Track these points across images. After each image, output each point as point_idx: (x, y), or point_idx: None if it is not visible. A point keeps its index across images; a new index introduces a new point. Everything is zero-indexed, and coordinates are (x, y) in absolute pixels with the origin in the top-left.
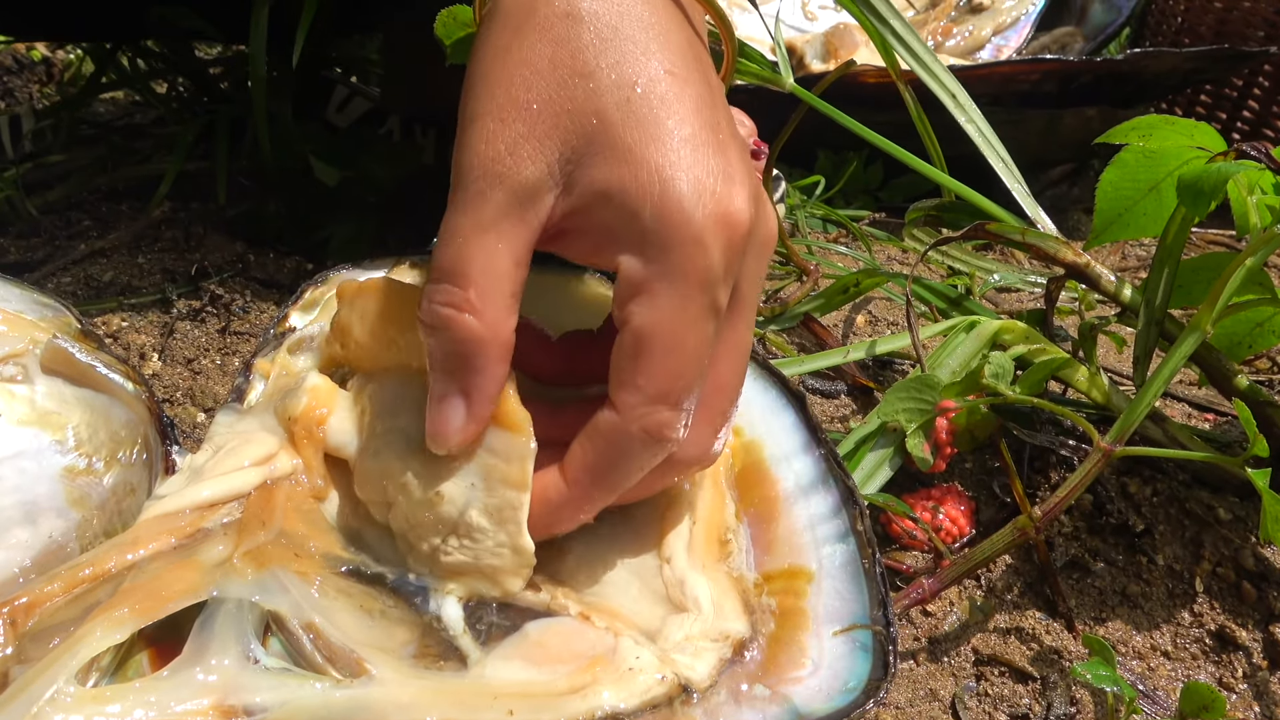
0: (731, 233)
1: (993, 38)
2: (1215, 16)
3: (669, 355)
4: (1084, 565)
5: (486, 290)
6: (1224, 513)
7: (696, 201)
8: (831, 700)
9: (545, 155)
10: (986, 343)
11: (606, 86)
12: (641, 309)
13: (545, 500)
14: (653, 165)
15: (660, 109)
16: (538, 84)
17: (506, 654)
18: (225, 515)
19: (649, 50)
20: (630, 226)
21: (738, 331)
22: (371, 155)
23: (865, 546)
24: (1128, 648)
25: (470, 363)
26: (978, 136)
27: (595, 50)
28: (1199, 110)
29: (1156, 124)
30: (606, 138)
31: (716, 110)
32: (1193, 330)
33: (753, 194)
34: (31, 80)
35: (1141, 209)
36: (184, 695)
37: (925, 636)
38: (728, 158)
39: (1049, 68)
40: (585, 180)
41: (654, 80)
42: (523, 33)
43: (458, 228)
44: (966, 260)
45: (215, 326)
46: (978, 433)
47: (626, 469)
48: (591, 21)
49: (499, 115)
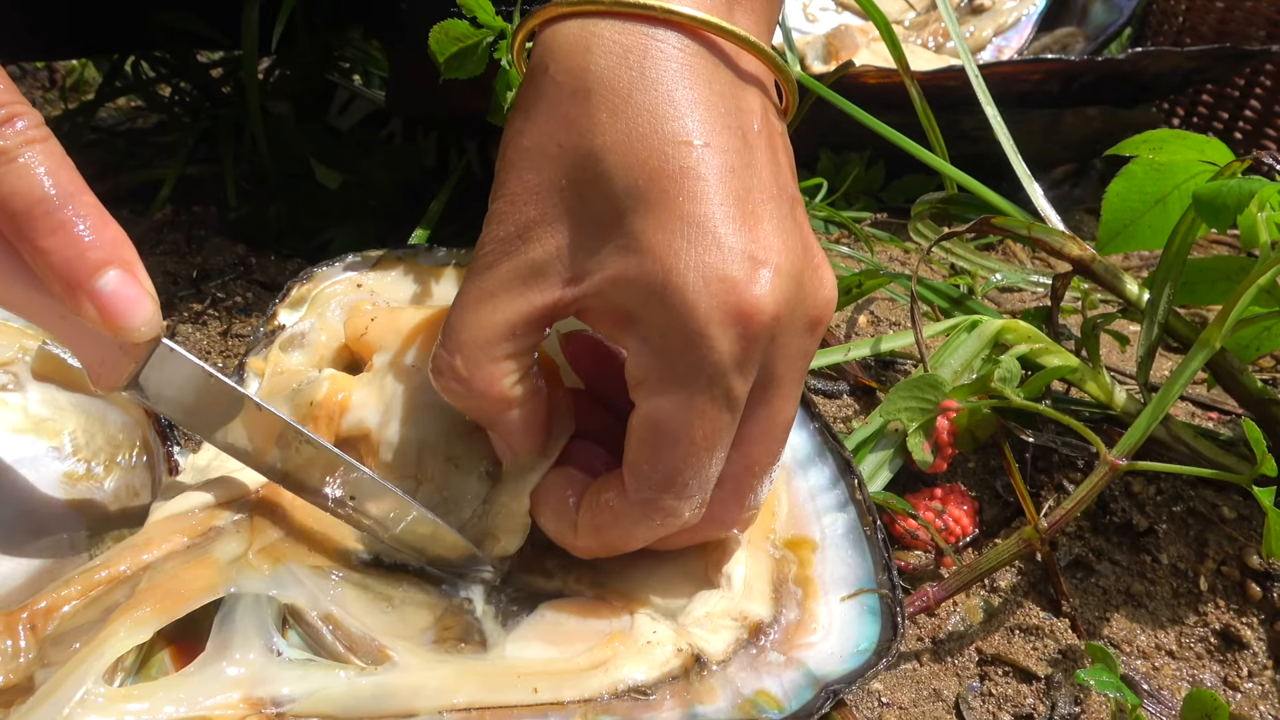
0: (747, 323)
1: (994, 38)
2: (1216, 16)
3: (675, 446)
4: (1088, 565)
5: (471, 356)
6: (1228, 511)
7: (704, 291)
8: (845, 662)
9: (554, 239)
10: (989, 342)
11: (614, 169)
12: (646, 400)
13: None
14: (658, 254)
15: (672, 188)
16: (548, 168)
17: (524, 635)
18: (236, 513)
19: (664, 118)
20: (641, 313)
21: (770, 409)
22: (373, 159)
23: (865, 514)
24: (1132, 647)
25: (481, 419)
26: (998, 127)
27: (603, 128)
28: (1201, 110)
29: (1167, 137)
30: (617, 224)
31: (751, 174)
32: (1202, 347)
33: (787, 270)
34: (35, 87)
35: (1148, 221)
36: (213, 689)
37: (929, 637)
38: (754, 234)
39: (1051, 67)
40: (595, 269)
41: (666, 155)
42: (534, 115)
43: (463, 295)
44: (970, 259)
45: (217, 329)
46: (979, 433)
47: (627, 539)
48: (602, 94)
49: (511, 199)
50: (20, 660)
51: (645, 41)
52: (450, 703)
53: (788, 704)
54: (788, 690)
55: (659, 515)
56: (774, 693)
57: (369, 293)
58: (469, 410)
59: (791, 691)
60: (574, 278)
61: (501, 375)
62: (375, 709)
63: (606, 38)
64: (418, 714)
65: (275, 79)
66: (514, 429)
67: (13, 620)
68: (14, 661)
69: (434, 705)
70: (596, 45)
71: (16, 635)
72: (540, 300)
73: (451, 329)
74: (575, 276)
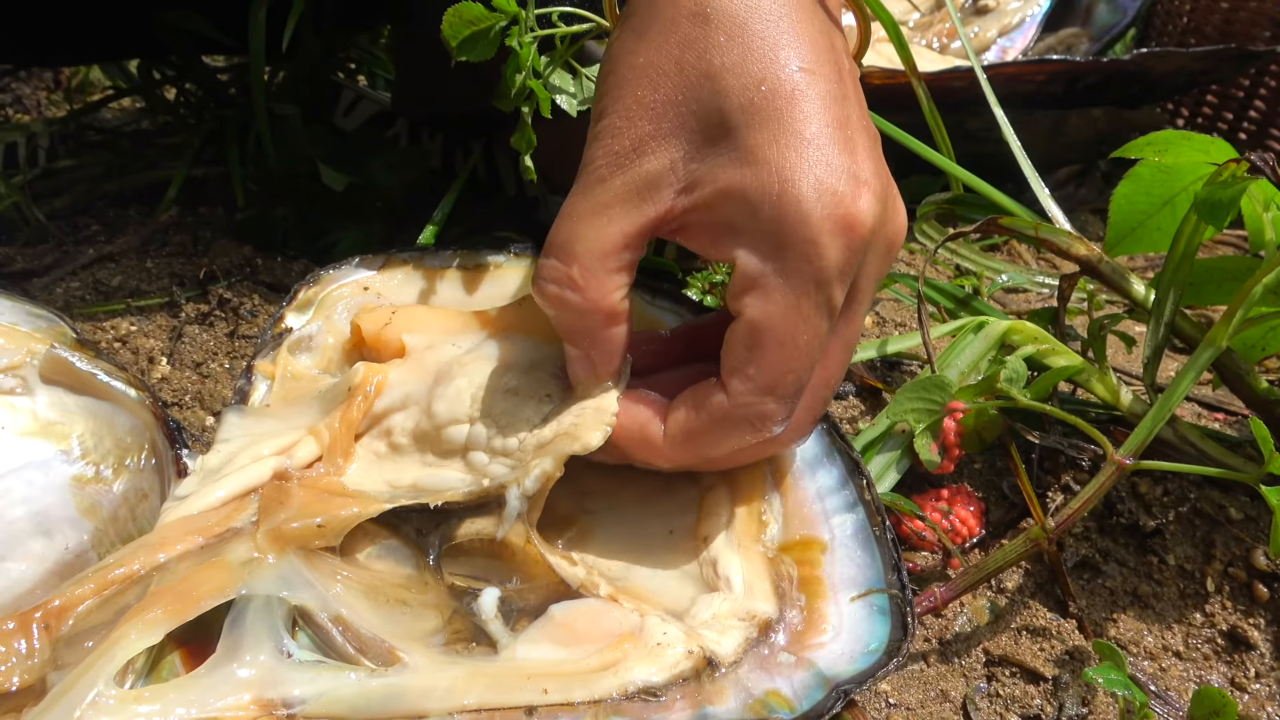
0: (851, 234)
1: (998, 39)
2: (1221, 16)
3: (781, 349)
4: (1095, 565)
5: (590, 266)
6: (1235, 512)
7: (816, 202)
8: (855, 662)
9: (669, 152)
10: (995, 343)
11: (731, 87)
12: (756, 303)
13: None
14: (774, 165)
15: (785, 107)
16: (664, 85)
17: (534, 637)
18: (251, 515)
19: (777, 45)
20: (749, 223)
21: (851, 326)
22: (378, 161)
23: (875, 514)
24: (1139, 648)
25: (581, 333)
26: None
27: (721, 49)
28: (1205, 110)
29: (1173, 139)
30: (730, 138)
31: (847, 104)
32: (1208, 346)
33: (879, 193)
34: (40, 88)
35: (1155, 223)
36: (224, 691)
37: (936, 637)
38: (855, 156)
39: (1055, 68)
40: (708, 179)
41: (780, 78)
42: (649, 36)
43: (573, 208)
44: (975, 259)
45: (223, 330)
46: (985, 434)
47: (721, 444)
48: (719, 19)
49: (625, 114)
50: (34, 661)
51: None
52: (461, 704)
53: (799, 704)
54: (798, 690)
55: (758, 420)
56: (785, 693)
57: (376, 295)
58: (576, 322)
59: (802, 692)
60: (686, 188)
61: (615, 287)
62: (385, 710)
63: None
64: (428, 715)
65: (281, 81)
66: (606, 348)
67: (26, 620)
68: (28, 662)
69: (444, 706)
70: None
71: (30, 635)
72: (654, 211)
73: (565, 240)
74: (688, 187)
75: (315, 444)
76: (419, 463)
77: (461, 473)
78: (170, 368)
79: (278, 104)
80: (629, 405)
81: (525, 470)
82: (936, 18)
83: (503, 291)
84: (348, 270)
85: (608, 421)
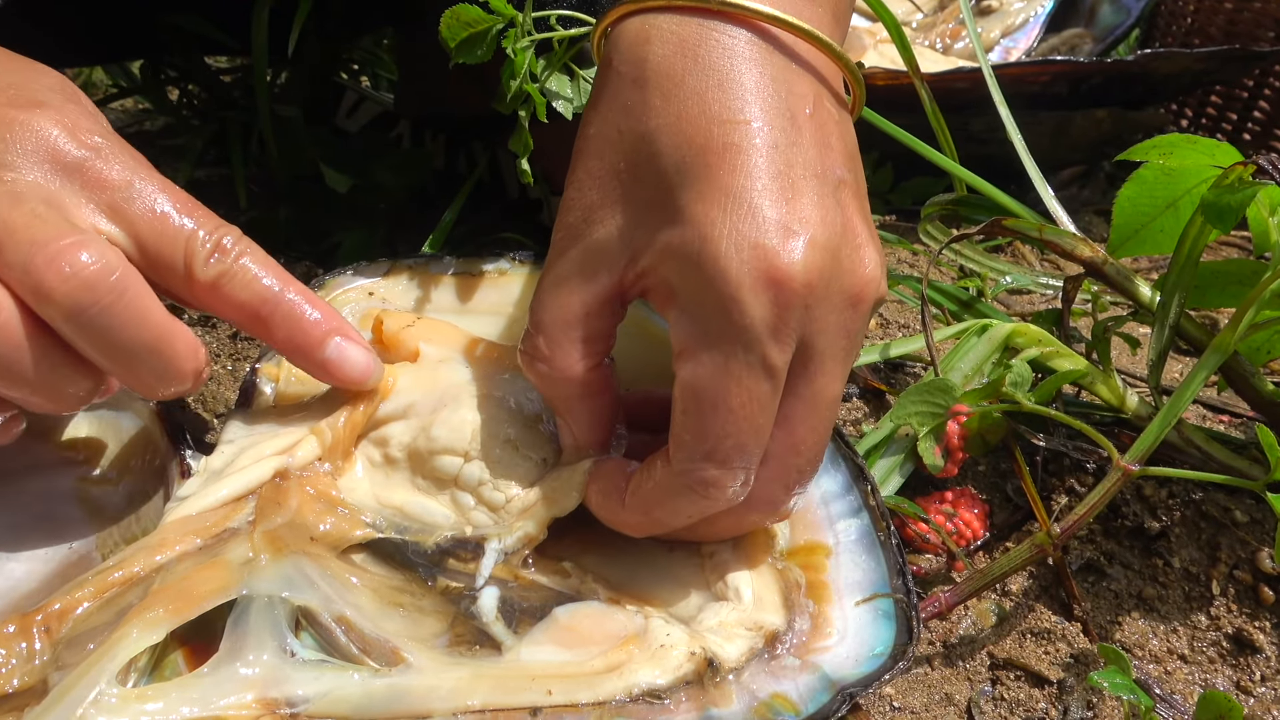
0: (779, 289)
1: (1001, 40)
2: (1225, 17)
3: (714, 414)
4: (1099, 568)
5: (554, 337)
6: (1240, 515)
7: (734, 257)
8: (860, 666)
9: (615, 220)
10: (999, 346)
11: (665, 147)
12: (685, 368)
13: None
14: (697, 223)
15: (715, 162)
16: (608, 153)
17: (537, 639)
18: (249, 515)
19: (710, 100)
20: (679, 285)
21: (814, 387)
22: (382, 163)
23: (879, 519)
24: (1144, 651)
25: (558, 401)
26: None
27: (657, 111)
28: (1209, 111)
29: (1177, 142)
30: (665, 200)
31: (795, 151)
32: (1215, 351)
33: (823, 243)
34: None
35: (1159, 225)
36: (227, 690)
37: (940, 641)
38: (792, 206)
39: (1059, 69)
40: (650, 243)
41: (711, 133)
42: (599, 106)
43: (541, 280)
44: (979, 260)
45: (226, 332)
46: (989, 437)
47: (671, 513)
48: (656, 81)
49: (578, 185)
50: (35, 663)
51: (701, 31)
52: (465, 704)
53: (804, 707)
54: (803, 694)
55: (701, 486)
56: (790, 696)
57: (380, 300)
58: (549, 391)
59: (807, 695)
60: (634, 255)
61: (580, 356)
62: (389, 710)
63: (665, 29)
64: (432, 715)
65: (284, 82)
66: (584, 419)
67: (27, 622)
68: (29, 664)
69: (448, 707)
70: (655, 36)
71: (31, 637)
72: (608, 279)
73: (534, 310)
74: (635, 254)
75: (317, 443)
76: (408, 483)
77: (447, 509)
78: None
79: (280, 105)
80: (602, 472)
81: (508, 529)
82: (939, 18)
83: (506, 299)
84: (351, 276)
85: (577, 486)
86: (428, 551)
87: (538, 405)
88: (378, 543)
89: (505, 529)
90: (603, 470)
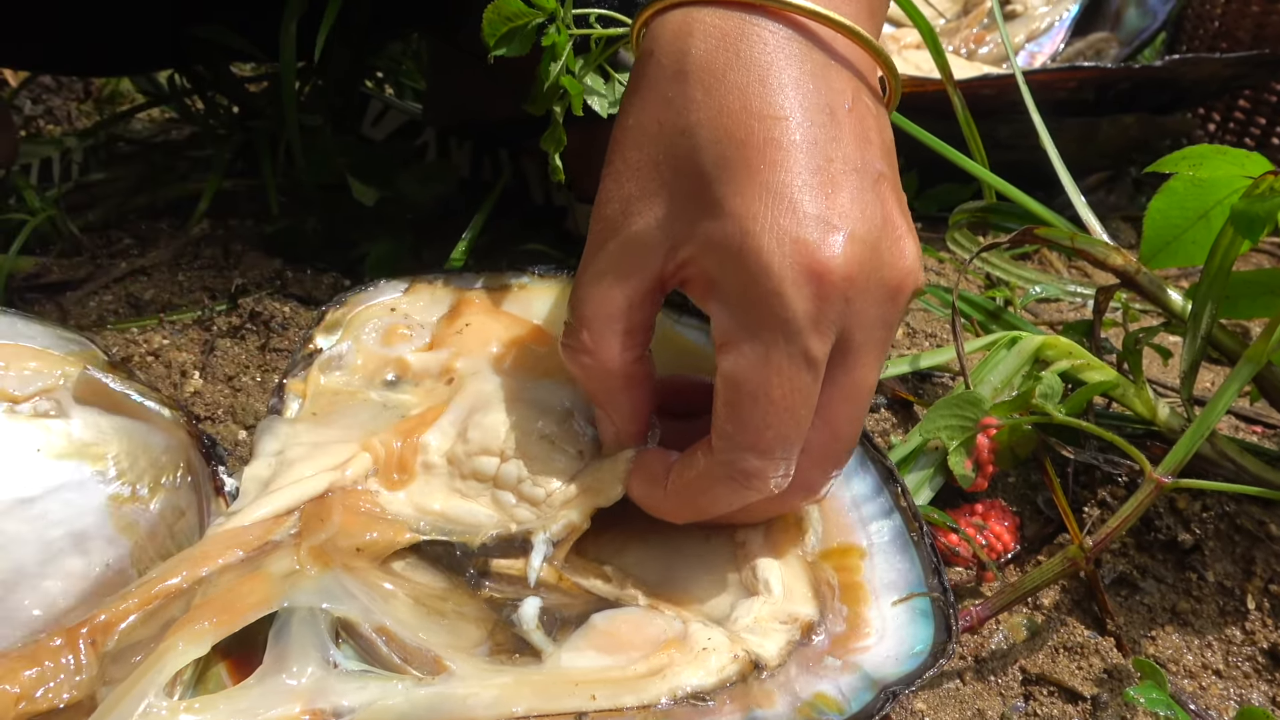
0: (820, 282)
1: (1026, 44)
2: (1253, 20)
3: (756, 405)
4: (1132, 582)
5: (597, 330)
6: (1275, 528)
7: (775, 251)
8: (901, 664)
9: (654, 212)
10: (1029, 358)
11: (705, 141)
12: (727, 359)
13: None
14: (737, 217)
15: (754, 157)
16: (648, 145)
17: (577, 645)
18: (292, 527)
19: (752, 95)
20: (721, 278)
21: (853, 377)
22: (408, 173)
23: (912, 520)
24: (1178, 666)
25: (600, 394)
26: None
27: (698, 105)
28: (1237, 115)
29: (1207, 153)
30: (707, 193)
31: (835, 147)
32: (1248, 363)
33: (863, 236)
34: (70, 98)
35: (1190, 237)
36: (274, 701)
37: (972, 655)
38: (832, 201)
39: (1086, 75)
40: (690, 235)
41: (751, 128)
42: (637, 98)
43: (581, 272)
44: (1007, 269)
45: (255, 343)
46: (1020, 450)
47: (713, 502)
48: (698, 75)
49: (615, 178)
50: (81, 677)
51: (742, 26)
52: (510, 711)
53: (847, 706)
54: (846, 693)
55: (743, 477)
56: (832, 695)
57: (403, 316)
58: (591, 384)
59: (850, 694)
60: (674, 246)
61: (623, 349)
62: (434, 718)
63: (707, 23)
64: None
65: (310, 92)
66: (625, 410)
67: (73, 635)
68: (75, 678)
69: (493, 715)
70: (697, 29)
71: (78, 650)
72: (649, 271)
73: (576, 304)
74: (675, 245)
75: (370, 459)
76: (447, 486)
77: (489, 509)
78: (203, 381)
79: (306, 115)
80: (643, 462)
81: (553, 518)
82: (962, 24)
83: (528, 313)
84: (373, 292)
85: (620, 477)
86: (474, 551)
87: (568, 403)
88: (422, 549)
89: (550, 519)
90: (644, 460)
